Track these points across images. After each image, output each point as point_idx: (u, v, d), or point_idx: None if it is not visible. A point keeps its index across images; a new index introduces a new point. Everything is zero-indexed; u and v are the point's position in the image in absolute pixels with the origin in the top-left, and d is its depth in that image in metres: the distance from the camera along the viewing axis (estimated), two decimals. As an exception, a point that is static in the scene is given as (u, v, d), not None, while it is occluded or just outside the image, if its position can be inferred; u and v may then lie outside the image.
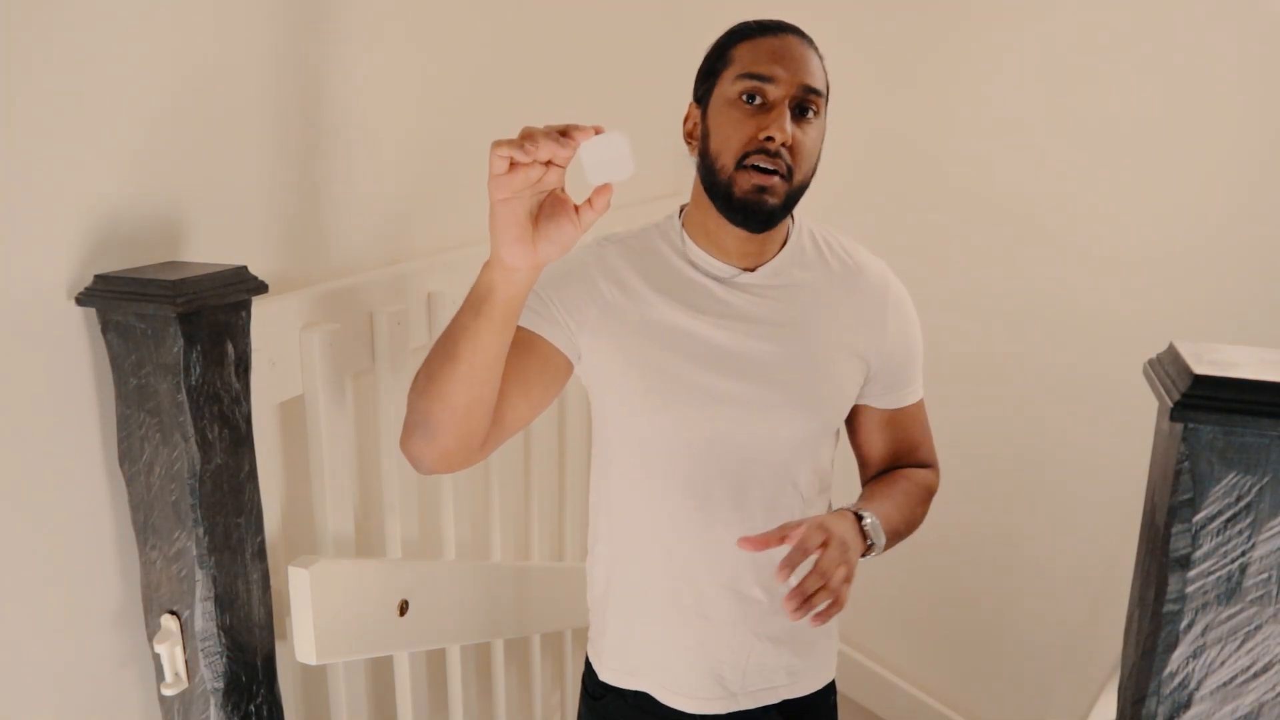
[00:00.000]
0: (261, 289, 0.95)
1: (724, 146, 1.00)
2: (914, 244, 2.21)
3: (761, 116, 0.98)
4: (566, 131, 0.73)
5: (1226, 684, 0.69)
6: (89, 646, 0.95)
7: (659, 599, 1.12)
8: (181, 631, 0.95)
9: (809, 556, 0.88)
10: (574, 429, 1.94)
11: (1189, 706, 0.70)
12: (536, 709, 1.95)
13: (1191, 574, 0.68)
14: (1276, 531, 0.66)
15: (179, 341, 0.86)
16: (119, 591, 0.97)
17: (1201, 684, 0.70)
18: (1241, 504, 0.66)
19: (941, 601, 2.45)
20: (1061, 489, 2.11)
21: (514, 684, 1.90)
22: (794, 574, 0.88)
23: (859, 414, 1.14)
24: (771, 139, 0.96)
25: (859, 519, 0.98)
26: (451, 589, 1.42)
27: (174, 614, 0.95)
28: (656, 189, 2.19)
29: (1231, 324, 1.80)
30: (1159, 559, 0.69)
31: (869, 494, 1.09)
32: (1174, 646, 0.69)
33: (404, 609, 1.27)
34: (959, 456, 1.12)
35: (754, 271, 1.07)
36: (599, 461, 1.15)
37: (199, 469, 0.91)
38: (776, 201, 0.99)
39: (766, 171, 0.97)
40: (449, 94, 1.46)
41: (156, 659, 0.96)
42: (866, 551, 0.98)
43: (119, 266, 0.92)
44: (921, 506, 1.13)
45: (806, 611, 0.85)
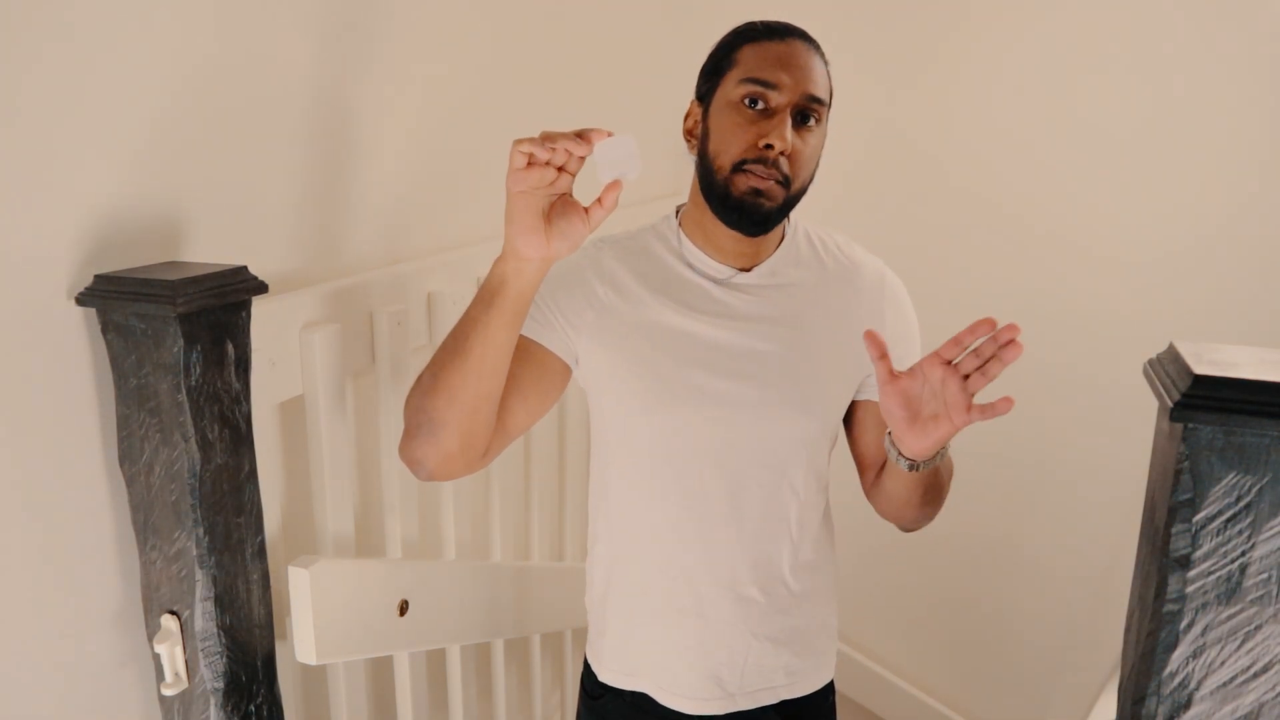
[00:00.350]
0: (261, 289, 0.95)
1: (723, 149, 1.00)
2: (914, 244, 2.21)
3: (763, 123, 0.98)
4: (582, 133, 0.79)
5: (1226, 684, 0.69)
6: (89, 646, 0.95)
7: (657, 599, 1.12)
8: (181, 631, 0.95)
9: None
10: (574, 430, 1.94)
11: (1189, 706, 0.70)
12: (536, 709, 1.95)
13: (1191, 574, 0.68)
14: (1276, 531, 0.66)
15: (179, 341, 0.86)
16: (119, 591, 0.97)
17: (1201, 684, 0.70)
18: (1241, 504, 0.66)
19: (941, 601, 2.45)
20: (1061, 489, 2.11)
21: (514, 684, 1.90)
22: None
23: (859, 411, 1.13)
24: (771, 147, 0.96)
25: None
26: (451, 589, 1.42)
27: (174, 614, 0.95)
28: (657, 189, 2.20)
29: (1231, 324, 1.79)
30: (1159, 559, 0.69)
31: None
32: (1174, 646, 0.69)
33: (404, 609, 1.27)
34: (959, 456, 1.11)
35: (750, 271, 1.07)
36: (598, 463, 1.15)
37: (199, 469, 0.91)
38: (773, 205, 0.99)
39: (763, 177, 0.98)
40: (450, 94, 1.46)
41: (156, 659, 0.96)
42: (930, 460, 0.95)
43: (119, 266, 0.92)
44: (948, 483, 1.09)
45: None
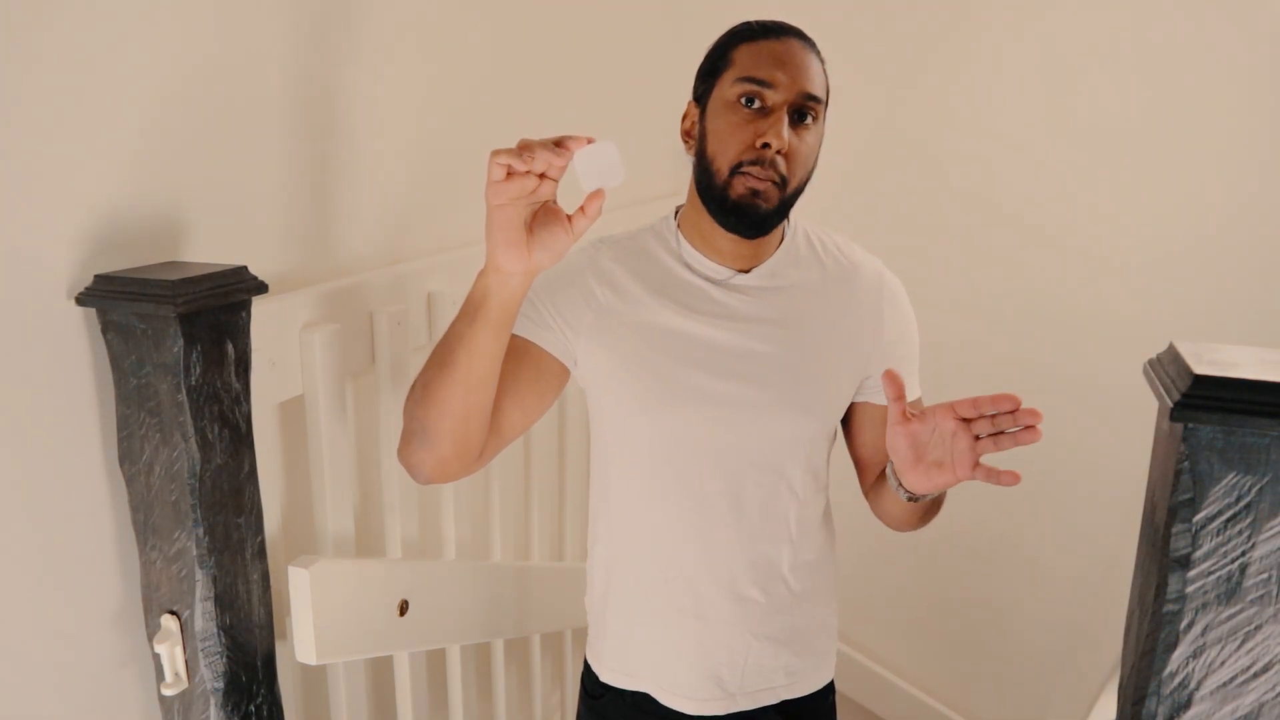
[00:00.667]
0: (261, 289, 0.95)
1: (720, 150, 1.00)
2: (914, 244, 2.21)
3: (759, 122, 0.98)
4: (561, 142, 0.77)
5: (1226, 684, 0.69)
6: (89, 646, 0.95)
7: (657, 600, 1.12)
8: (181, 631, 0.95)
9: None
10: (574, 430, 1.94)
11: (1189, 706, 0.70)
12: (536, 709, 1.95)
13: (1191, 574, 0.68)
14: (1276, 531, 0.66)
15: (179, 341, 0.86)
16: (119, 591, 0.97)
17: (1201, 684, 0.70)
18: (1241, 504, 0.66)
19: (941, 601, 2.45)
20: (1062, 489, 2.11)
21: (514, 684, 1.90)
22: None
23: (858, 413, 1.13)
24: (768, 146, 0.96)
25: None
26: (451, 589, 1.42)
27: (174, 614, 0.95)
28: (656, 189, 2.20)
29: (1231, 324, 1.79)
30: (1159, 559, 0.69)
31: None
32: (1174, 646, 0.69)
33: (404, 609, 1.27)
34: (959, 456, 1.11)
35: (749, 273, 1.07)
36: (597, 463, 1.15)
37: (199, 469, 0.91)
38: (770, 206, 0.99)
39: (760, 178, 0.97)
40: (450, 94, 1.46)
41: (156, 659, 0.96)
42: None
43: (119, 266, 0.92)
44: (944, 497, 1.08)
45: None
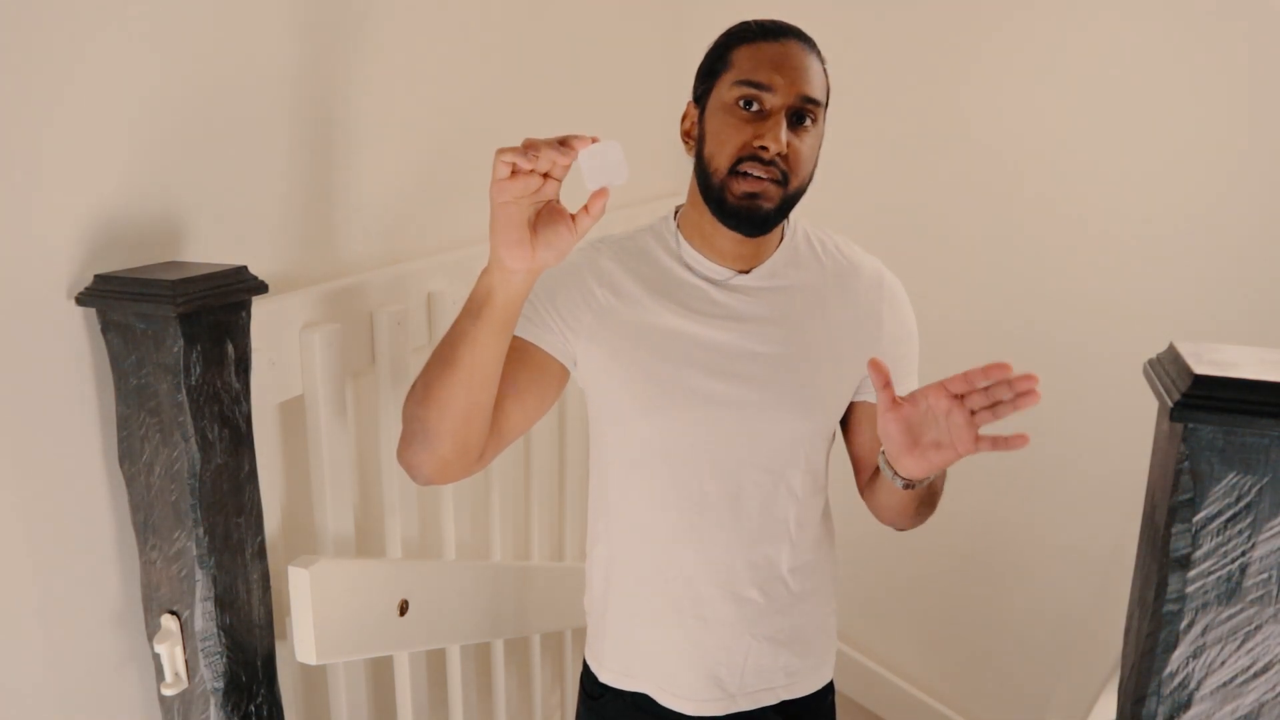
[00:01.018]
0: (261, 289, 0.95)
1: (719, 151, 1.00)
2: (913, 244, 2.21)
3: (758, 124, 0.98)
4: (566, 141, 0.77)
5: (1226, 684, 0.69)
6: (89, 646, 0.95)
7: (656, 601, 1.12)
8: (181, 631, 0.95)
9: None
10: (574, 430, 1.94)
11: (1189, 706, 0.70)
12: (536, 709, 1.95)
13: (1191, 574, 0.68)
14: (1276, 531, 0.66)
15: (179, 341, 0.86)
16: (119, 591, 0.97)
17: (1201, 684, 0.70)
18: (1241, 504, 0.66)
19: (941, 601, 2.45)
20: (1061, 489, 2.11)
21: (514, 684, 1.90)
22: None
23: (856, 412, 1.13)
24: (766, 148, 0.96)
25: None
26: (451, 589, 1.42)
27: (174, 614, 0.95)
28: (657, 188, 2.20)
29: (1231, 324, 1.79)
30: (1159, 559, 0.69)
31: None
32: (1174, 646, 0.69)
33: (404, 609, 1.27)
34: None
35: (749, 273, 1.07)
36: (597, 464, 1.15)
37: (199, 469, 0.91)
38: (770, 207, 0.99)
39: (759, 178, 0.97)
40: (451, 94, 1.46)
41: (156, 659, 0.96)
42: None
43: (119, 266, 0.92)
44: (942, 489, 1.07)
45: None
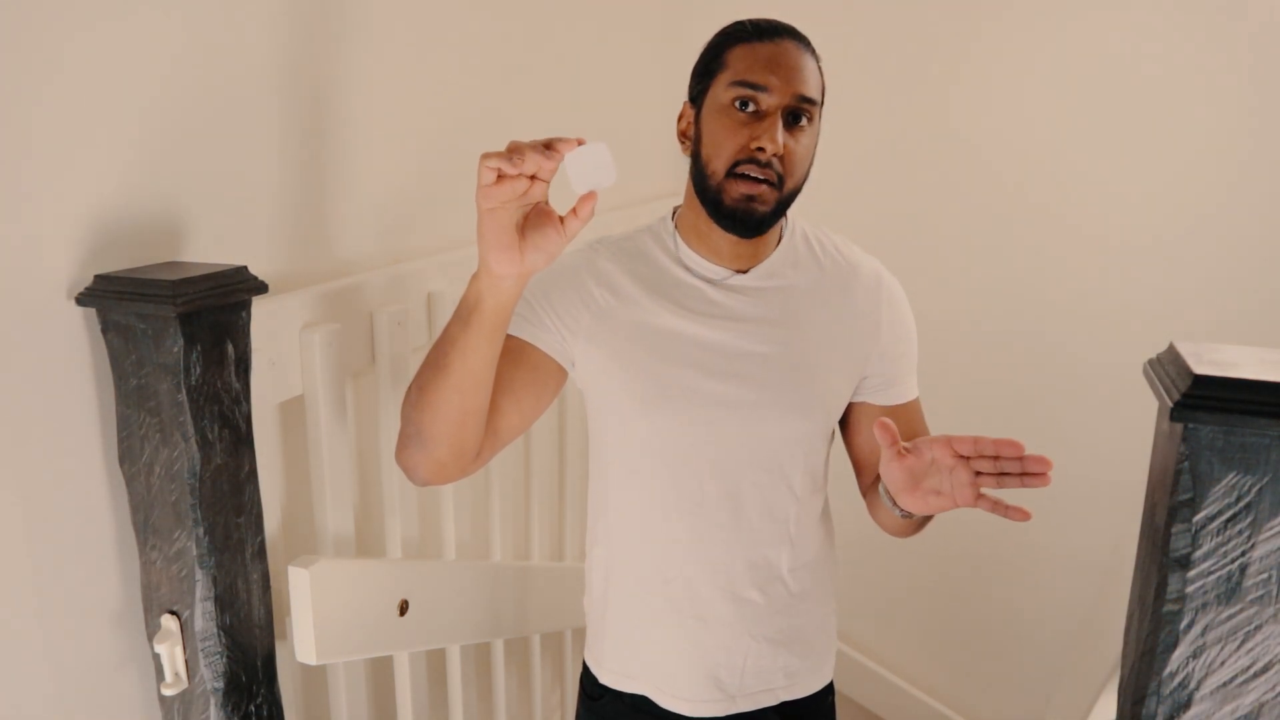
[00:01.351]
0: (261, 289, 0.95)
1: (715, 153, 1.00)
2: (913, 244, 2.21)
3: (754, 125, 0.97)
4: (551, 144, 0.76)
5: (1226, 684, 0.69)
6: (89, 646, 0.95)
7: (656, 601, 1.12)
8: (181, 631, 0.95)
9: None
10: (574, 430, 1.94)
11: (1189, 706, 0.70)
12: (536, 709, 1.95)
13: (1191, 574, 0.68)
14: (1276, 531, 0.66)
15: (179, 341, 0.86)
16: (119, 591, 0.97)
17: (1201, 684, 0.70)
18: (1241, 504, 0.66)
19: (941, 601, 2.45)
20: (1061, 488, 2.10)
21: (514, 684, 1.90)
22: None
23: (856, 413, 1.13)
24: (763, 149, 0.96)
25: None
26: (451, 589, 1.42)
27: (174, 614, 0.95)
28: (656, 188, 2.20)
29: (1231, 324, 1.80)
30: (1159, 559, 0.69)
31: None
32: (1174, 646, 0.69)
33: (404, 609, 1.27)
34: (959, 457, 1.11)
35: (746, 273, 1.07)
36: (596, 465, 1.15)
37: (199, 469, 0.90)
38: (766, 209, 0.99)
39: (756, 180, 0.97)
40: (450, 94, 1.46)
41: (156, 659, 0.96)
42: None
43: (119, 266, 0.92)
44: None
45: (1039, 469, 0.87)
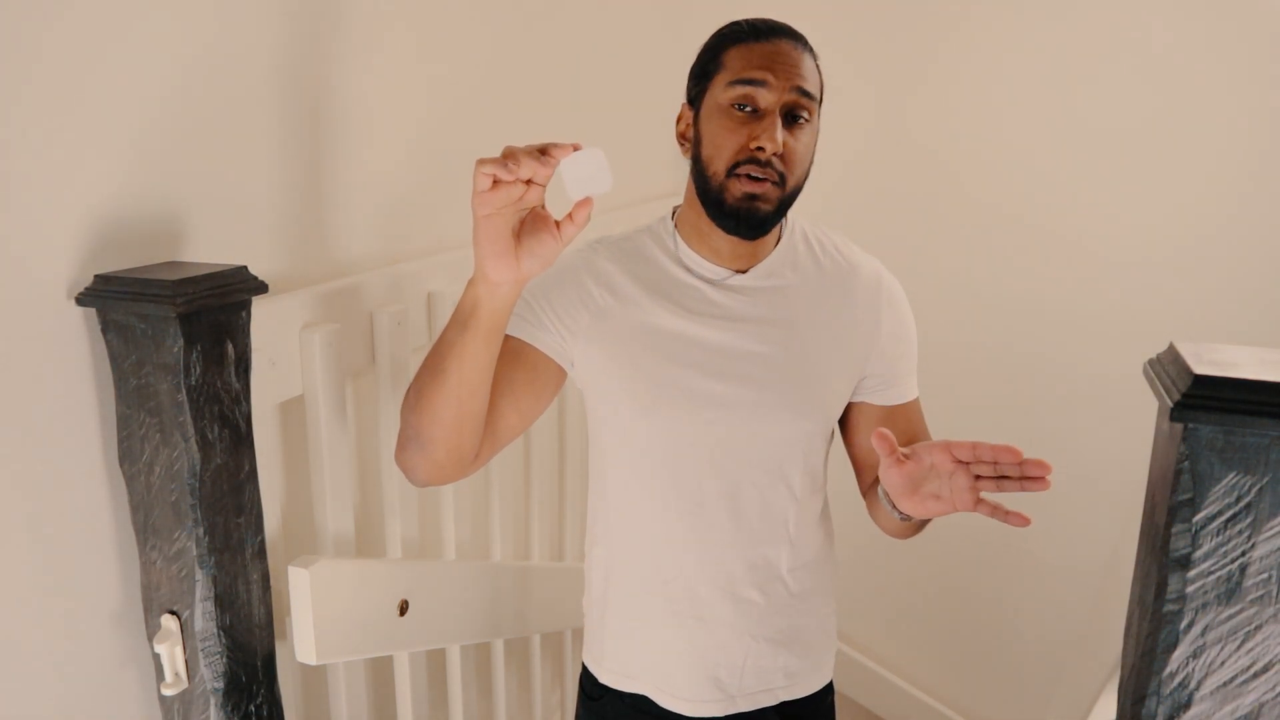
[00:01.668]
0: (261, 289, 0.95)
1: (715, 154, 1.00)
2: (912, 245, 2.21)
3: (753, 125, 0.97)
4: (546, 150, 0.76)
5: (1226, 684, 0.69)
6: (89, 646, 0.95)
7: (655, 602, 1.12)
8: (181, 631, 0.95)
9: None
10: (574, 430, 1.94)
11: (1189, 706, 0.70)
12: (536, 709, 1.95)
13: (1191, 574, 0.68)
14: (1276, 531, 0.66)
15: (179, 341, 0.86)
16: (119, 591, 0.97)
17: (1201, 684, 0.70)
18: (1241, 504, 0.66)
19: (941, 601, 2.45)
20: (1061, 489, 2.09)
21: (514, 684, 1.90)
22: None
23: (855, 413, 1.13)
24: (763, 149, 0.96)
25: None
26: (451, 589, 1.42)
27: (174, 614, 0.95)
28: (656, 188, 2.19)
29: (1231, 324, 1.80)
30: (1159, 559, 0.69)
31: None
32: (1174, 646, 0.69)
33: (404, 609, 1.27)
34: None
35: (746, 273, 1.07)
36: (595, 465, 1.15)
37: (199, 469, 0.90)
38: (769, 209, 0.99)
39: (757, 180, 0.97)
40: (450, 94, 1.46)
41: (156, 659, 0.96)
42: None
43: (119, 266, 0.92)
44: None
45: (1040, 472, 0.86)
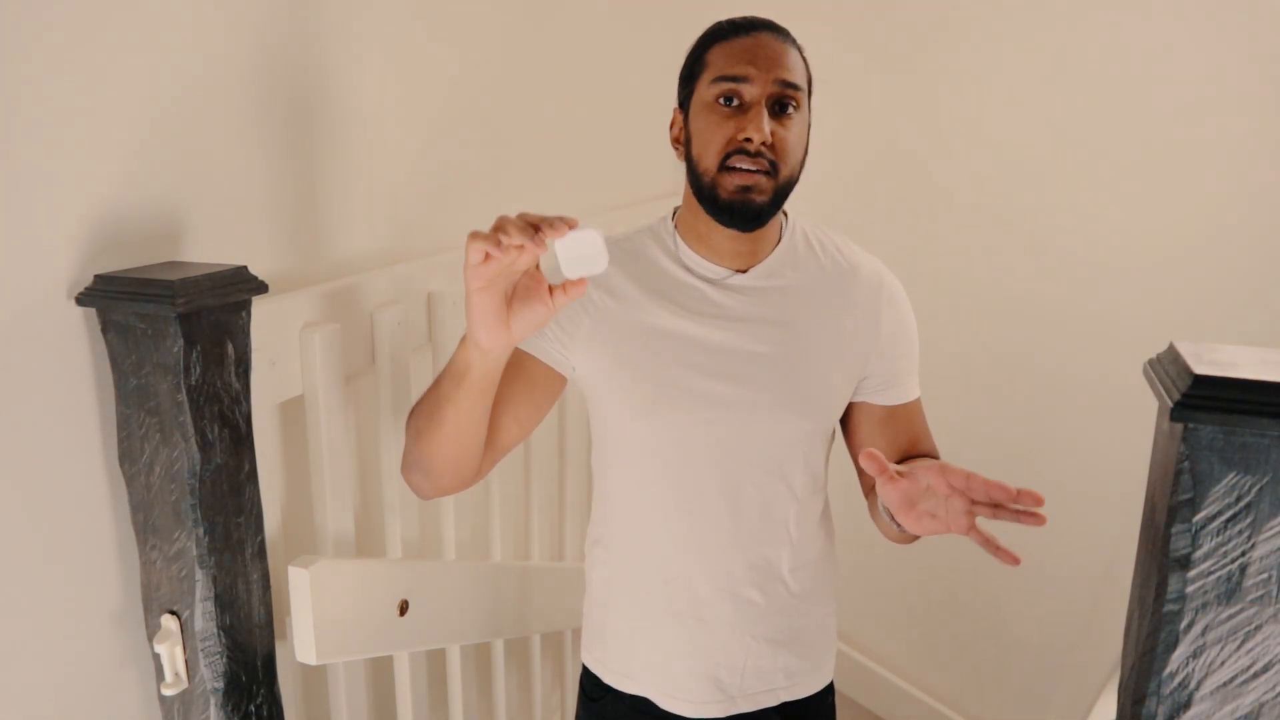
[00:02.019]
0: (261, 289, 0.95)
1: (705, 150, 1.00)
2: (912, 245, 2.21)
3: (739, 118, 0.98)
4: (539, 228, 0.75)
5: (1226, 684, 0.69)
6: (89, 646, 0.95)
7: (656, 602, 1.12)
8: (181, 631, 0.95)
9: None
10: (574, 431, 1.94)
11: (1189, 706, 0.70)
12: (536, 709, 1.95)
13: (1191, 574, 0.68)
14: (1276, 531, 0.66)
15: (179, 341, 0.86)
16: (119, 591, 0.97)
17: (1201, 684, 0.70)
18: (1241, 504, 0.66)
19: (942, 601, 2.45)
20: (1061, 489, 2.10)
21: (514, 684, 1.90)
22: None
23: (857, 413, 1.13)
24: (750, 140, 0.97)
25: None
26: (451, 589, 1.42)
27: (174, 614, 0.95)
28: (656, 188, 2.20)
29: (1231, 324, 1.80)
30: (1159, 559, 0.69)
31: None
32: (1174, 646, 0.69)
33: (404, 609, 1.27)
34: (959, 458, 1.11)
35: (747, 273, 1.07)
36: (597, 465, 1.15)
37: (199, 469, 0.90)
38: (764, 199, 0.99)
39: (749, 171, 0.98)
40: (451, 94, 1.46)
41: (156, 659, 0.96)
42: None
43: (119, 266, 0.92)
44: None
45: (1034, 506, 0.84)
